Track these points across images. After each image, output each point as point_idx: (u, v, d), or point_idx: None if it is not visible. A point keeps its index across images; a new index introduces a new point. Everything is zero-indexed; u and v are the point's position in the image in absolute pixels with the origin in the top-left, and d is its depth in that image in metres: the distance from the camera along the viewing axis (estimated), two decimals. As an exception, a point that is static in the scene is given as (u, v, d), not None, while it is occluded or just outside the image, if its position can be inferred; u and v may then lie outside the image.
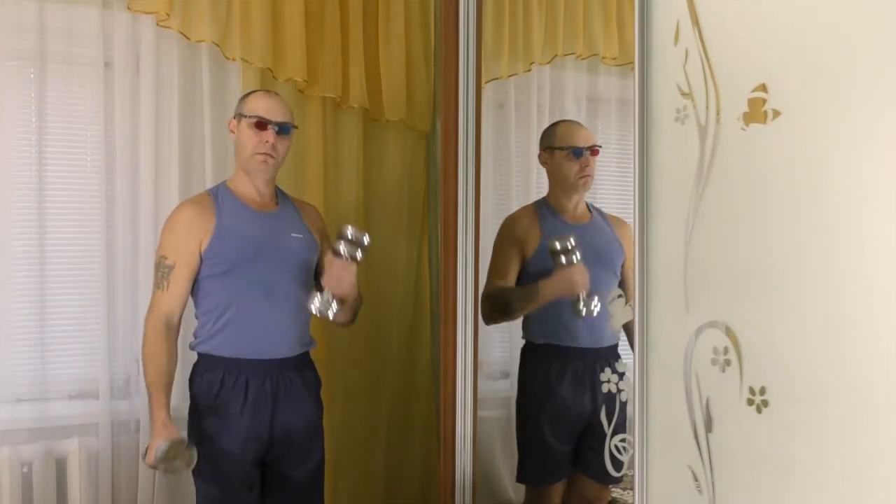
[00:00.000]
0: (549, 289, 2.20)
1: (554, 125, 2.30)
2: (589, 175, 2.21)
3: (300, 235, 2.17)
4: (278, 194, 2.23)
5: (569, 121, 2.31)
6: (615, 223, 2.16)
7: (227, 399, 2.06)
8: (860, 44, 1.18)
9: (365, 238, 2.05)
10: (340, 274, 2.06)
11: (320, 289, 2.09)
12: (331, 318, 2.08)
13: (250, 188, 2.15)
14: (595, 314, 2.07)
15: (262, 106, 2.10)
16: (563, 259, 2.09)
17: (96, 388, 2.47)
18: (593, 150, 2.18)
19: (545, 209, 2.29)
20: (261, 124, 2.08)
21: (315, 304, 2.07)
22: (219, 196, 2.15)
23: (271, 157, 2.10)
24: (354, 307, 2.23)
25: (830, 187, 1.22)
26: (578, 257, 2.09)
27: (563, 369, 2.22)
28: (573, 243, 2.09)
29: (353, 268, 2.07)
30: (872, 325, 1.16)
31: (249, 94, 2.20)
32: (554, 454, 2.27)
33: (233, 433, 2.06)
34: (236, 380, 2.06)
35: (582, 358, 2.19)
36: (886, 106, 1.14)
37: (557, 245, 2.09)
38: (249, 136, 2.09)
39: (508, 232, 2.37)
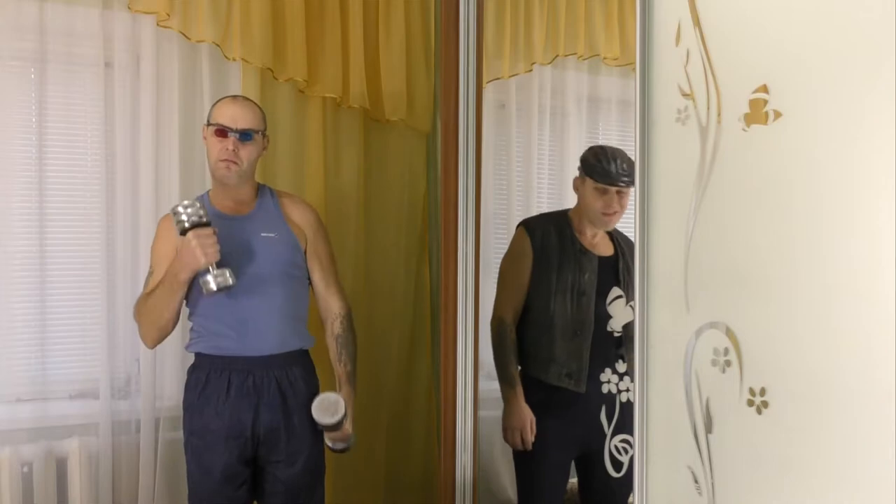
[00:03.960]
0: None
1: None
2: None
3: (272, 235, 2.16)
4: (260, 194, 2.23)
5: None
6: None
7: (209, 396, 2.10)
8: (861, 45, 1.18)
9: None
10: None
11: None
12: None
13: (224, 193, 2.18)
14: None
15: (227, 114, 2.12)
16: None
17: (96, 388, 2.48)
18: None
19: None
20: (221, 132, 2.10)
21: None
22: None
23: (234, 163, 2.11)
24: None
25: (831, 188, 1.22)
26: None
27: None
28: None
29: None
30: (872, 326, 1.16)
31: (219, 100, 2.20)
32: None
33: (215, 430, 2.08)
34: (220, 377, 2.10)
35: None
36: (887, 107, 1.14)
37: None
38: (213, 144, 2.13)
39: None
